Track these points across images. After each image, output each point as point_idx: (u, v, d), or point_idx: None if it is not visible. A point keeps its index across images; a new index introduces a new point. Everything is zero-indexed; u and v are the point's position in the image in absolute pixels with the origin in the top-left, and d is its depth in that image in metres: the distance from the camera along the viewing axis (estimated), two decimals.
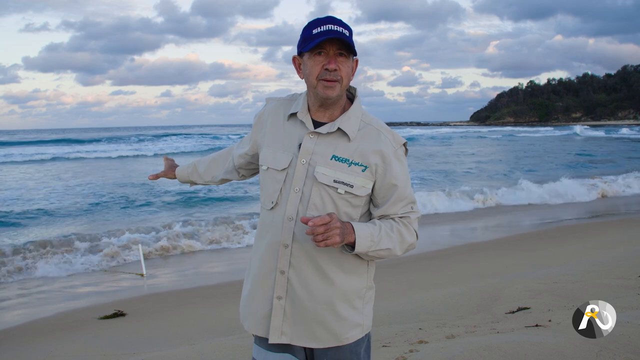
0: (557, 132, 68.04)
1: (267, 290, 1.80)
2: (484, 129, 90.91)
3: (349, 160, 1.71)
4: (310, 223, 1.56)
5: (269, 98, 1.96)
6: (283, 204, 1.75)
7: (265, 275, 1.80)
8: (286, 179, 1.75)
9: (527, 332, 3.91)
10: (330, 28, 1.66)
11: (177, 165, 2.36)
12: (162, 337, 5.16)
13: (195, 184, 2.27)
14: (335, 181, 1.70)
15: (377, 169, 1.72)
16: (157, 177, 2.36)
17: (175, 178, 2.32)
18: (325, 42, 1.67)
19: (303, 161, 1.73)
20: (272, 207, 1.77)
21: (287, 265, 1.75)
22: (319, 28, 1.67)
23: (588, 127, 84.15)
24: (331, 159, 1.71)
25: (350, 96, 1.84)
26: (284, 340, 1.78)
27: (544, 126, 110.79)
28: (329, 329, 1.77)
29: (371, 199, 1.78)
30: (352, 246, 1.67)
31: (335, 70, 1.68)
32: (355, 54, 1.73)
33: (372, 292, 1.87)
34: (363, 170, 1.71)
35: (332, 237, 1.58)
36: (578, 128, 71.35)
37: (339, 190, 1.70)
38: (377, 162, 1.72)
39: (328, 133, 1.74)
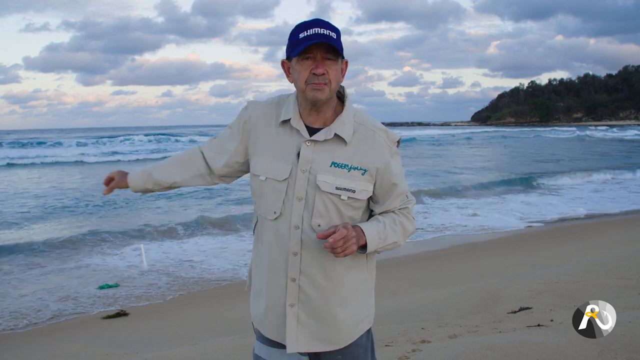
0: (578, 133, 66.94)
1: (280, 299, 1.78)
2: (515, 129, 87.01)
3: (348, 166, 1.71)
4: (330, 239, 1.59)
5: (251, 102, 1.89)
6: (287, 214, 1.73)
7: (276, 284, 1.79)
8: (288, 189, 1.73)
9: (529, 332, 3.91)
10: (316, 32, 1.64)
11: (126, 173, 2.08)
12: (163, 337, 5.16)
13: (151, 191, 2.05)
14: (337, 188, 1.70)
15: (377, 171, 1.74)
16: (110, 190, 2.07)
17: (127, 187, 2.05)
18: (312, 46, 1.65)
19: (303, 170, 1.71)
20: (276, 218, 1.75)
21: (297, 273, 1.74)
22: (305, 32, 1.65)
23: (607, 127, 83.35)
24: (331, 166, 1.71)
25: (340, 96, 1.81)
26: (301, 349, 1.77)
27: (560, 126, 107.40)
28: (342, 329, 1.79)
29: (371, 197, 1.80)
30: (362, 247, 1.71)
31: (323, 74, 1.66)
32: (343, 56, 1.71)
33: (373, 281, 1.92)
34: (363, 174, 1.72)
35: (350, 247, 1.64)
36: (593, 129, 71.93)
37: (342, 197, 1.71)
38: (376, 164, 1.73)
39: (325, 140, 1.72)
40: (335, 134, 1.72)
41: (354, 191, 1.71)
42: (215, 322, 5.47)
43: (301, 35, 1.65)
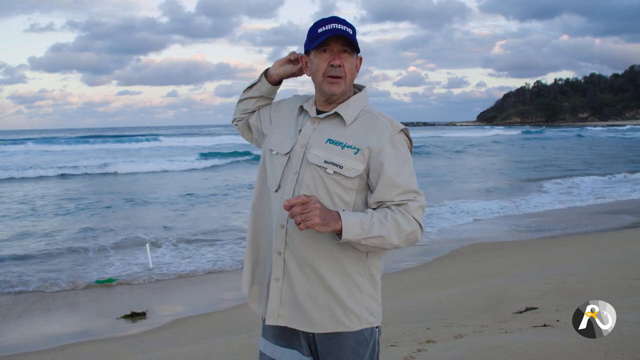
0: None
1: (267, 272, 1.86)
2: (554, 130, 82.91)
3: (342, 144, 1.76)
4: (286, 202, 1.59)
5: (295, 95, 2.06)
6: (284, 186, 1.81)
7: (266, 256, 1.87)
8: (287, 163, 1.83)
9: (535, 332, 3.91)
10: (334, 27, 1.76)
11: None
12: (169, 335, 5.18)
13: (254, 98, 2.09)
14: (325, 162, 1.74)
15: (370, 152, 1.73)
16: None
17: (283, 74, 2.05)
18: (330, 39, 1.77)
19: (301, 145, 1.82)
20: (276, 190, 1.84)
21: (283, 246, 1.79)
22: (324, 27, 1.78)
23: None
24: (326, 142, 1.78)
25: (358, 92, 1.91)
26: (280, 322, 1.80)
27: (577, 126, 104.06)
28: (324, 310, 1.75)
29: (368, 186, 1.76)
30: (340, 234, 1.63)
31: (340, 66, 1.77)
32: (358, 51, 1.82)
33: (373, 285, 1.82)
34: (355, 153, 1.74)
35: (312, 218, 1.57)
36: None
37: (327, 171, 1.73)
38: (370, 145, 1.73)
39: (326, 117, 1.83)
40: (336, 112, 1.81)
41: (341, 167, 1.72)
42: (221, 321, 5.49)
43: (320, 30, 1.78)
